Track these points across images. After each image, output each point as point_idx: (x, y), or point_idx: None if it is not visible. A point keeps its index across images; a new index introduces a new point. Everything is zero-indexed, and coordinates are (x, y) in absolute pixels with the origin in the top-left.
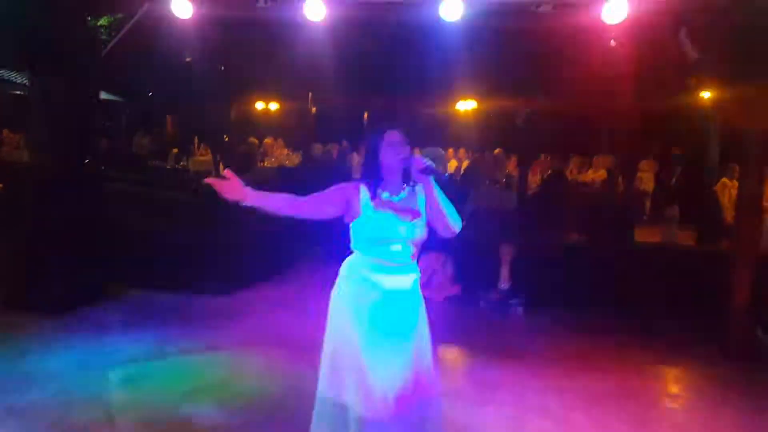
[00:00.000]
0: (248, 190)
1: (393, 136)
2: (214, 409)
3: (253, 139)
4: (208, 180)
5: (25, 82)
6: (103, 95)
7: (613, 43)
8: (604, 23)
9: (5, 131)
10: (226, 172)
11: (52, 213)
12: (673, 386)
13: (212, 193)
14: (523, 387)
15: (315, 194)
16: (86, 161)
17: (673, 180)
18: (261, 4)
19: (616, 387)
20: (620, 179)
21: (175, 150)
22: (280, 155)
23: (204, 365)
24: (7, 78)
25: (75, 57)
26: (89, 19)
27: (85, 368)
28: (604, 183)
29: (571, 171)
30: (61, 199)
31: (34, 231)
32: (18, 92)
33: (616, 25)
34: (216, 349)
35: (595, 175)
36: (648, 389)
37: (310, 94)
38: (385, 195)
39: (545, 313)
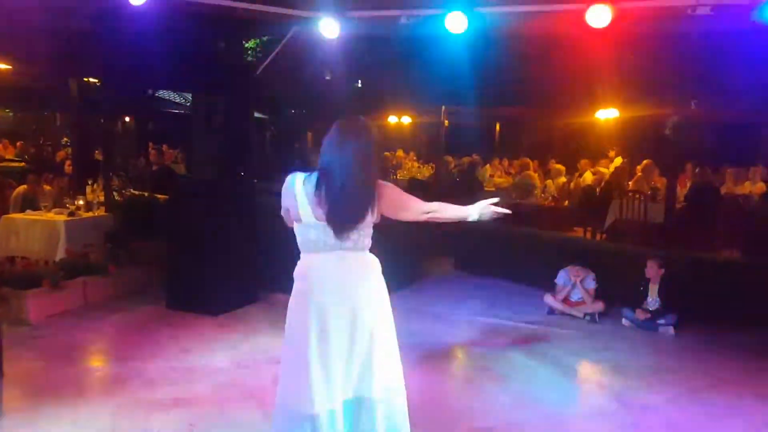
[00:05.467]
0: None
1: None
2: None
3: (386, 153)
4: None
5: (182, 101)
6: None
7: None
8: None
9: (164, 146)
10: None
11: (211, 221)
12: None
13: None
14: (676, 412)
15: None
16: (242, 174)
17: None
18: (403, 20)
19: None
20: None
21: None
22: (412, 168)
23: None
24: (167, 98)
25: (233, 77)
26: (244, 42)
27: (240, 366)
28: (764, 196)
29: (726, 184)
30: (220, 208)
31: (194, 238)
32: (175, 111)
33: None
34: None
35: (754, 188)
36: None
37: (443, 107)
38: None
39: (698, 334)
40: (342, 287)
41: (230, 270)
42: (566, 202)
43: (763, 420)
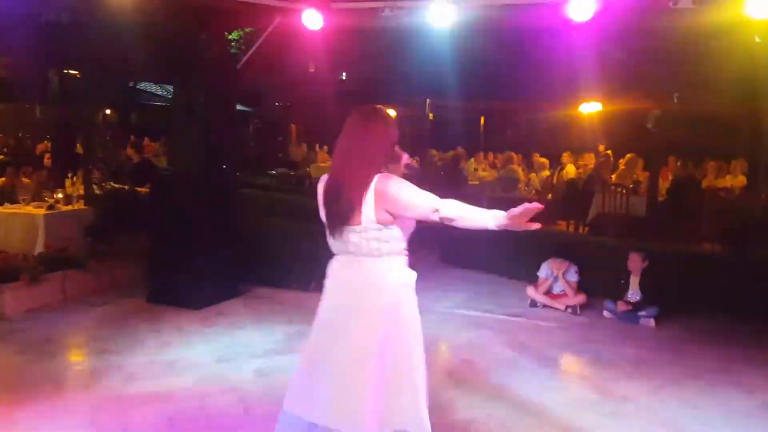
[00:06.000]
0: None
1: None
2: None
3: None
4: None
5: (163, 94)
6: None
7: (757, 39)
8: (748, 19)
9: (146, 139)
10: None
11: (192, 215)
12: None
13: None
14: (655, 402)
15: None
16: (224, 167)
17: None
18: (386, 12)
19: (761, 405)
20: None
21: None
22: None
23: None
24: (149, 90)
25: (215, 70)
26: (226, 34)
27: (221, 360)
28: (744, 189)
29: (708, 177)
30: (202, 202)
31: (175, 232)
32: (158, 103)
33: (761, 20)
34: None
35: (735, 181)
36: None
37: (428, 100)
38: None
39: (679, 326)
40: (343, 295)
41: (212, 264)
42: (549, 196)
43: (743, 409)
